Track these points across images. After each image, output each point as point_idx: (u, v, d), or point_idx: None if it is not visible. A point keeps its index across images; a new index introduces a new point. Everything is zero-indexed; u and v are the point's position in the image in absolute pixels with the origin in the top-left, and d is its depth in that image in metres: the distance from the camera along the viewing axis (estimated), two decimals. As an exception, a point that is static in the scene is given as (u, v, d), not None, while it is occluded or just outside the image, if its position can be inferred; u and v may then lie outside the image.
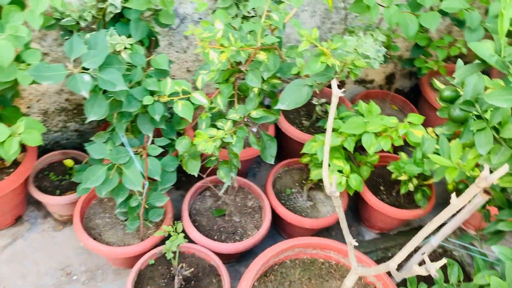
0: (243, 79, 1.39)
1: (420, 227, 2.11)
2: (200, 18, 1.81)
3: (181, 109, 1.21)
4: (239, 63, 1.32)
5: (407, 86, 2.65)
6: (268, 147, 1.48)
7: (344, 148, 1.62)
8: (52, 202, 1.75)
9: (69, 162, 1.86)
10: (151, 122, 1.39)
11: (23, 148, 1.68)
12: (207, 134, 1.30)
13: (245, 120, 1.38)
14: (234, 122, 1.36)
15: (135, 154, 1.41)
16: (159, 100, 1.31)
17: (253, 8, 1.62)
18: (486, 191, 1.27)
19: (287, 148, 2.08)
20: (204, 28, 1.15)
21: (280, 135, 2.05)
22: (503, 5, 0.76)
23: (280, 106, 1.27)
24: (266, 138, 1.47)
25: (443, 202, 2.11)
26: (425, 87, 2.40)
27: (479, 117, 1.02)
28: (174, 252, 1.47)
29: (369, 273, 1.38)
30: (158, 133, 1.49)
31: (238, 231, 1.75)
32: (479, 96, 0.99)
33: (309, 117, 2.16)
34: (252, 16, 1.62)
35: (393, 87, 2.33)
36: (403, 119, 2.35)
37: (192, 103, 1.27)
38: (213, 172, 1.61)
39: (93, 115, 1.23)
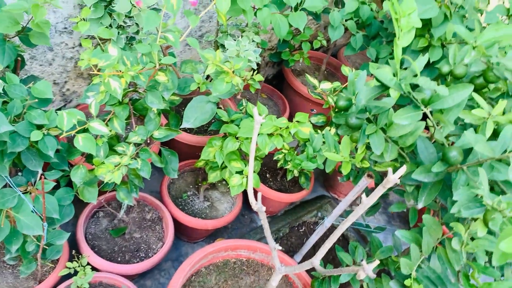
0: (138, 98, 1.34)
1: (301, 203, 2.34)
2: (65, 28, 1.65)
3: (83, 143, 1.12)
4: (133, 84, 1.26)
5: (271, 74, 2.82)
6: (170, 162, 1.46)
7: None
8: None
9: None
10: (39, 156, 1.25)
11: None
12: (110, 163, 1.23)
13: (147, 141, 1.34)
14: (136, 145, 1.31)
15: (24, 193, 1.26)
16: (49, 134, 1.19)
17: (129, 17, 1.54)
18: (369, 175, 1.47)
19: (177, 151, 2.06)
20: (99, 57, 1.07)
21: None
22: (398, 35, 0.89)
23: (186, 124, 1.26)
24: (167, 153, 1.45)
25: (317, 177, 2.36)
26: (288, 74, 2.59)
27: (369, 120, 1.18)
28: (85, 288, 1.38)
29: (293, 271, 1.49)
30: (46, 164, 1.35)
31: (142, 247, 1.71)
32: (369, 104, 1.13)
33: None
34: (129, 26, 1.55)
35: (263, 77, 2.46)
36: (272, 105, 2.51)
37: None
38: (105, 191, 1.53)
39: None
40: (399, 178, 0.91)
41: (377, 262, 0.88)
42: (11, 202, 1.22)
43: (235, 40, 1.74)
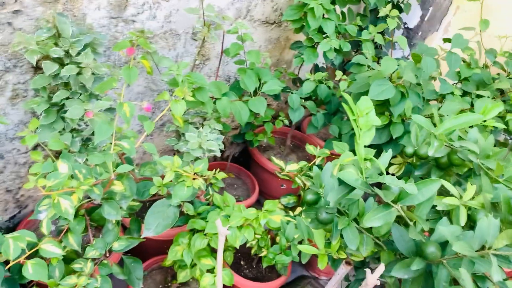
0: (95, 207, 1.25)
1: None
2: (15, 135, 1.58)
3: (33, 271, 1.01)
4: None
5: (237, 151, 2.79)
6: (133, 271, 1.35)
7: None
8: None
9: None
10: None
11: None
12: (66, 285, 1.11)
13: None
14: (93, 260, 1.21)
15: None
16: (-5, 261, 1.07)
17: (82, 120, 1.49)
18: (348, 262, 1.40)
19: (143, 248, 1.94)
20: (48, 176, 1.00)
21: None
22: (358, 134, 0.87)
23: (147, 233, 1.18)
24: (130, 261, 1.35)
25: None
26: (254, 152, 2.56)
27: (340, 212, 1.13)
28: None
29: None
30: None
31: None
32: (340, 199, 1.08)
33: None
34: (83, 128, 1.49)
35: (229, 157, 2.42)
36: (240, 185, 2.46)
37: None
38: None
39: None
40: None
41: None
42: None
43: (196, 128, 1.71)
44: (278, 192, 2.45)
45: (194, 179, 1.12)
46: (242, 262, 2.04)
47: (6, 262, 1.09)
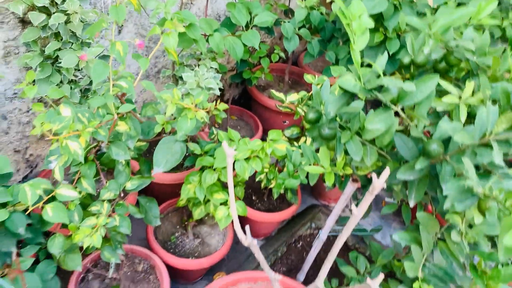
0: (103, 152, 1.28)
1: (293, 218, 2.29)
2: (15, 94, 1.58)
3: (53, 214, 1.05)
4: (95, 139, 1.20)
5: (237, 94, 2.79)
6: (149, 210, 1.40)
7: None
8: None
9: None
10: (10, 235, 1.17)
11: None
12: (87, 226, 1.16)
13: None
14: (110, 201, 1.25)
15: (1, 277, 1.18)
16: (16, 210, 1.11)
17: (79, 69, 1.49)
18: (354, 179, 1.44)
19: (156, 194, 1.99)
20: (52, 120, 1.01)
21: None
22: (352, 39, 0.86)
23: (157, 170, 1.21)
24: (145, 201, 1.39)
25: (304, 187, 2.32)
26: (253, 91, 2.56)
27: (342, 127, 1.15)
28: None
29: None
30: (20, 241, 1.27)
31: (139, 302, 1.63)
32: (339, 112, 1.10)
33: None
34: (81, 78, 1.49)
35: (229, 100, 2.43)
36: (243, 126, 2.48)
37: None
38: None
39: None
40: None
41: (381, 276, 0.84)
42: (-13, 290, 1.14)
43: (192, 69, 1.70)
44: (282, 128, 2.48)
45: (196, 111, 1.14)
46: (253, 197, 2.10)
47: (26, 214, 1.14)
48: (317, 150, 1.41)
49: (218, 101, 1.27)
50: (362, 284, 0.89)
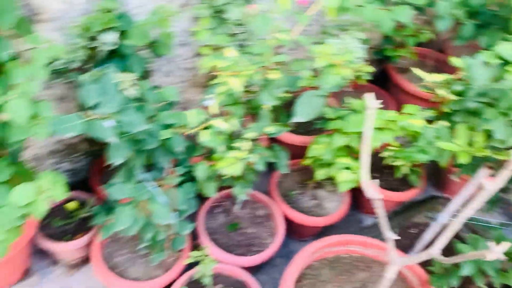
0: (249, 100, 1.43)
1: (411, 204, 2.27)
2: (182, 41, 1.81)
3: (208, 138, 1.23)
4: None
5: (375, 73, 2.79)
6: (281, 158, 1.53)
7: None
8: (65, 249, 1.70)
9: (70, 205, 1.80)
10: (168, 154, 1.40)
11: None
12: (230, 157, 1.33)
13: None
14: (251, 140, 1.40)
15: (155, 187, 1.41)
16: (176, 133, 1.33)
17: (239, 24, 1.65)
18: (489, 166, 1.40)
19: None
20: (220, 59, 1.18)
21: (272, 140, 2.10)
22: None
23: (297, 119, 1.32)
24: (278, 148, 1.52)
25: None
26: (392, 71, 2.55)
27: (488, 104, 1.13)
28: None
29: (409, 263, 1.43)
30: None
31: (255, 242, 1.79)
32: (487, 87, 1.09)
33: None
34: (241, 33, 1.66)
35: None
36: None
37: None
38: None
39: (119, 158, 1.23)
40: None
41: (508, 244, 0.85)
42: (145, 195, 1.38)
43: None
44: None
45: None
46: (374, 174, 2.12)
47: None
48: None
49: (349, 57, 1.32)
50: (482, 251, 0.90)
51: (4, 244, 1.17)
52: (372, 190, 1.08)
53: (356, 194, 2.16)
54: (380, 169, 2.13)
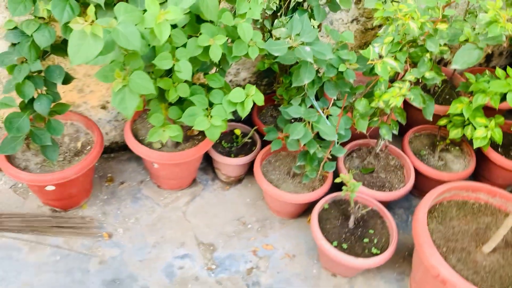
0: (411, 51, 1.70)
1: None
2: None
3: (381, 69, 1.53)
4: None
5: (502, 64, 2.91)
6: (428, 106, 1.79)
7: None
8: (229, 163, 2.10)
9: (237, 131, 2.21)
10: (337, 87, 1.72)
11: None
12: (391, 91, 1.61)
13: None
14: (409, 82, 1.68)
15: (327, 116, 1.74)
16: (349, 68, 1.65)
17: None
18: None
19: (413, 119, 2.38)
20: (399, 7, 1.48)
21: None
22: None
23: (454, 66, 1.57)
24: (427, 98, 1.78)
25: None
26: (523, 64, 2.66)
27: None
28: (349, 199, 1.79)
29: None
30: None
31: (386, 185, 2.06)
32: None
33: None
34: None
35: (490, 65, 2.60)
36: None
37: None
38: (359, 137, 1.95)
39: (306, 79, 1.58)
40: None
41: None
42: (314, 118, 1.71)
43: None
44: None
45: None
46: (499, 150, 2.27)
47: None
48: None
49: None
50: None
51: (219, 129, 1.57)
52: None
53: (480, 161, 2.33)
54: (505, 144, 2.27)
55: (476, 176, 2.38)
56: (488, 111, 2.02)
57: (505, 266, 1.63)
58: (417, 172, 2.10)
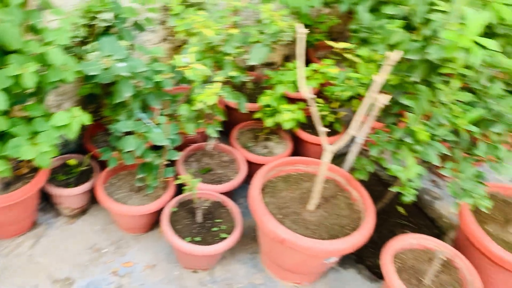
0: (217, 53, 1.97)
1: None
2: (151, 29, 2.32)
3: (192, 74, 1.74)
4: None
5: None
6: (241, 101, 2.07)
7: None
8: (69, 193, 2.07)
9: (71, 161, 2.19)
10: (159, 97, 1.88)
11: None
12: (205, 92, 1.84)
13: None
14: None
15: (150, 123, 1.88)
16: (165, 78, 1.83)
17: None
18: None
19: (236, 120, 2.67)
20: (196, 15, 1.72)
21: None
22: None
23: (251, 62, 1.88)
24: (239, 94, 2.06)
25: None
26: (313, 58, 3.20)
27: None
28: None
29: (337, 148, 1.94)
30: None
31: (224, 179, 2.28)
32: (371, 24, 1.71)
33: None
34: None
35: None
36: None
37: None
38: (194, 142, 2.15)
39: (126, 93, 1.70)
40: None
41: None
42: (143, 129, 1.84)
43: None
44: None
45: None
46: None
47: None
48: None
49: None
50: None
51: (48, 155, 1.58)
52: (307, 90, 1.64)
53: (296, 143, 2.73)
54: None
55: (297, 155, 2.78)
56: (293, 101, 2.42)
57: (328, 218, 1.97)
58: (249, 163, 2.38)
